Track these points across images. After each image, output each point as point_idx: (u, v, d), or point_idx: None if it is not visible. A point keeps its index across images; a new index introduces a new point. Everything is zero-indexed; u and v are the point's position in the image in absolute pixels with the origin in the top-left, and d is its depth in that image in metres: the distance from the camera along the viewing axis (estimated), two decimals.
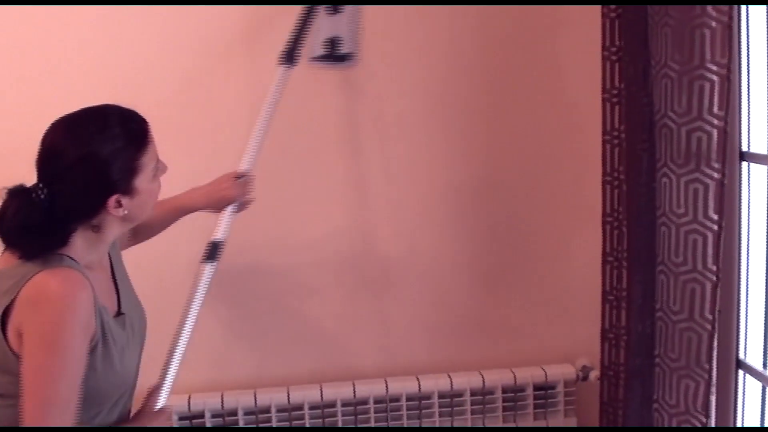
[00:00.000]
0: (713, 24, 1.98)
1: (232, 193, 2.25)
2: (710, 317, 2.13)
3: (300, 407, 2.75)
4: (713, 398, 2.19)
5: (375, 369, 2.87)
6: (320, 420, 2.77)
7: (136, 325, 1.95)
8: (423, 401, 2.82)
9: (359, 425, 2.79)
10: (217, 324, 2.77)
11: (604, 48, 2.52)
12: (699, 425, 2.21)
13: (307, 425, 2.76)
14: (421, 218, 2.81)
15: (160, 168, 1.88)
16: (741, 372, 2.32)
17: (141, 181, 1.80)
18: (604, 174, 2.62)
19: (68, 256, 1.75)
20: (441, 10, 2.68)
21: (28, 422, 1.65)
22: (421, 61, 2.71)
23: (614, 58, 2.50)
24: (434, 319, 2.91)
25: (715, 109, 2.03)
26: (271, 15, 2.61)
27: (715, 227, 2.09)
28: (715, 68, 2.00)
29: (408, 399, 2.81)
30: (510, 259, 2.90)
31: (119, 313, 1.91)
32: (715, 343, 2.15)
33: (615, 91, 2.53)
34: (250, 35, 2.64)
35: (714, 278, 2.11)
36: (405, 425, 2.81)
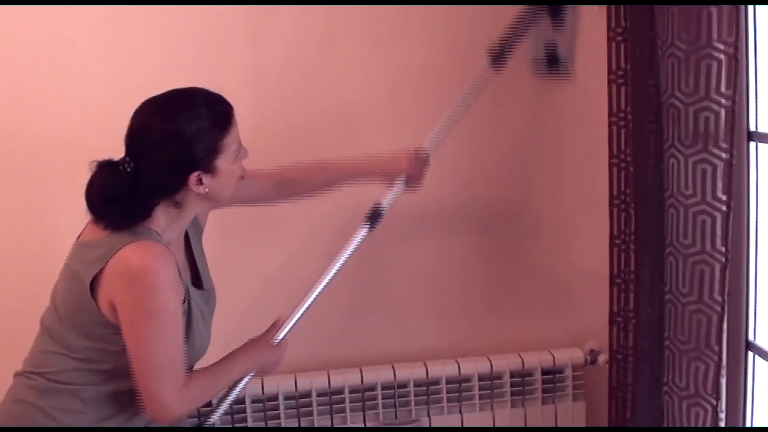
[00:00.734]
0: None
1: (406, 166, 2.32)
2: (719, 299, 2.12)
3: (307, 394, 2.74)
4: (723, 380, 2.17)
5: (382, 355, 2.86)
6: (327, 407, 2.76)
7: (209, 305, 2.07)
8: (431, 387, 2.80)
9: (367, 411, 2.78)
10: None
11: (609, 29, 2.50)
12: (709, 408, 2.19)
13: (315, 412, 2.75)
14: (427, 202, 2.79)
15: (242, 152, 1.95)
16: (751, 353, 2.30)
17: (222, 162, 1.88)
18: (611, 156, 2.60)
19: (152, 229, 1.86)
20: None
21: (142, 388, 1.81)
22: (425, 39, 2.69)
23: (620, 38, 2.49)
24: (441, 304, 2.89)
25: (723, 89, 2.00)
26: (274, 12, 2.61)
27: (724, 208, 2.07)
28: (722, 47, 1.98)
29: (416, 385, 2.79)
30: (517, 243, 2.88)
31: (199, 287, 2.02)
32: (725, 325, 2.13)
33: (621, 72, 2.52)
34: (253, 32, 2.63)
35: (723, 259, 2.09)
36: (413, 411, 2.80)
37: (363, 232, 2.31)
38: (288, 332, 2.19)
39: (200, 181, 1.85)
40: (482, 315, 2.92)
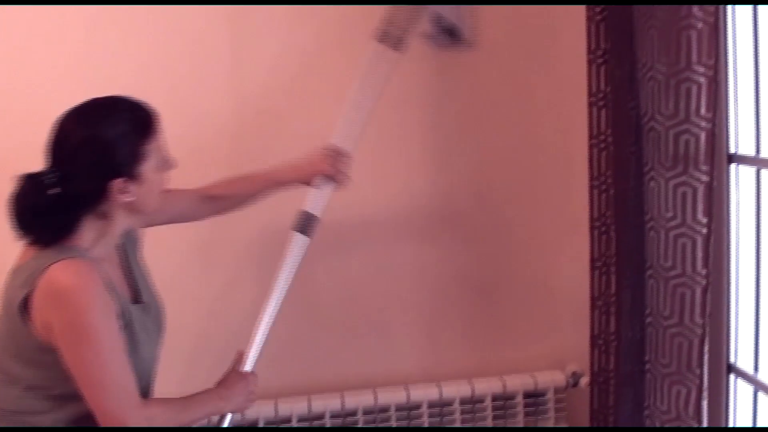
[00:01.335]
0: (699, 25, 1.97)
1: (323, 166, 2.29)
2: (700, 321, 2.11)
3: (288, 419, 2.71)
4: (705, 403, 2.17)
5: (363, 379, 2.83)
6: None
7: (155, 316, 2.01)
8: (412, 411, 2.78)
9: None
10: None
11: (589, 51, 2.50)
12: None
13: None
14: (408, 225, 2.78)
15: (168, 162, 1.92)
16: (732, 376, 2.30)
17: (146, 169, 1.83)
18: (592, 178, 2.60)
19: (78, 247, 1.80)
20: None
21: (95, 410, 1.75)
22: (407, 68, 2.69)
23: (600, 61, 2.49)
24: (422, 327, 2.88)
25: (703, 111, 2.01)
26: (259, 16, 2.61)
27: (704, 230, 2.07)
28: (702, 70, 1.98)
29: (397, 409, 2.77)
30: (498, 265, 2.87)
31: (138, 302, 1.95)
32: (706, 348, 2.13)
33: (601, 95, 2.52)
34: (235, 35, 2.62)
35: (704, 282, 2.09)
36: None
37: (298, 242, 2.24)
38: (254, 362, 2.14)
39: (124, 189, 1.80)
40: (463, 338, 2.90)
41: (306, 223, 2.24)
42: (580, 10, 2.50)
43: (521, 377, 2.83)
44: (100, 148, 1.78)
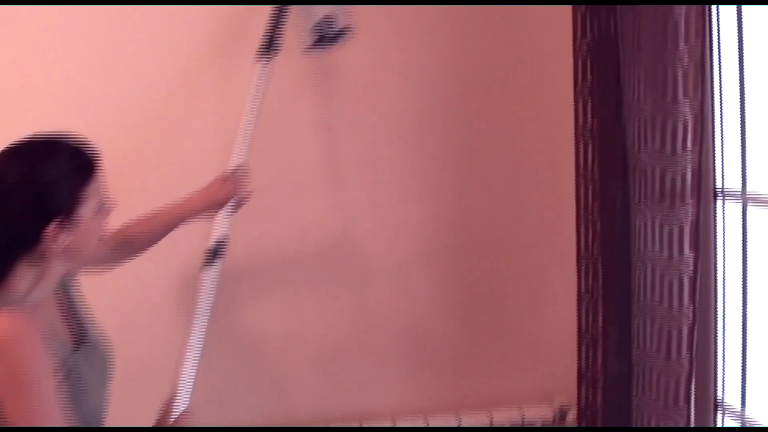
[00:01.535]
0: (686, 61, 1.97)
1: (226, 191, 2.27)
2: (687, 357, 2.11)
3: None
4: None
5: (350, 412, 2.81)
6: None
7: (101, 354, 1.93)
8: None
9: None
10: None
11: (576, 85, 2.50)
12: None
13: None
14: (394, 257, 2.78)
15: (107, 205, 1.84)
16: (720, 413, 2.28)
17: (84, 213, 1.76)
18: (579, 212, 2.59)
19: (12, 295, 1.72)
20: (419, 48, 2.67)
21: None
22: (397, 105, 2.70)
23: (586, 95, 2.49)
24: (409, 360, 2.87)
25: (689, 147, 2.01)
26: (244, 20, 2.61)
27: (691, 266, 2.07)
28: (688, 106, 1.99)
29: None
30: (486, 299, 2.87)
31: (80, 346, 1.86)
32: (693, 384, 2.12)
33: (588, 129, 2.52)
34: (223, 42, 2.63)
35: (691, 317, 2.09)
36: None
37: (212, 273, 2.20)
38: (185, 400, 2.07)
39: (59, 234, 1.72)
40: (451, 371, 2.89)
41: (217, 253, 2.20)
42: (567, 44, 2.50)
43: (508, 411, 2.82)
44: (37, 190, 1.70)
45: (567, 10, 2.46)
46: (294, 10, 2.48)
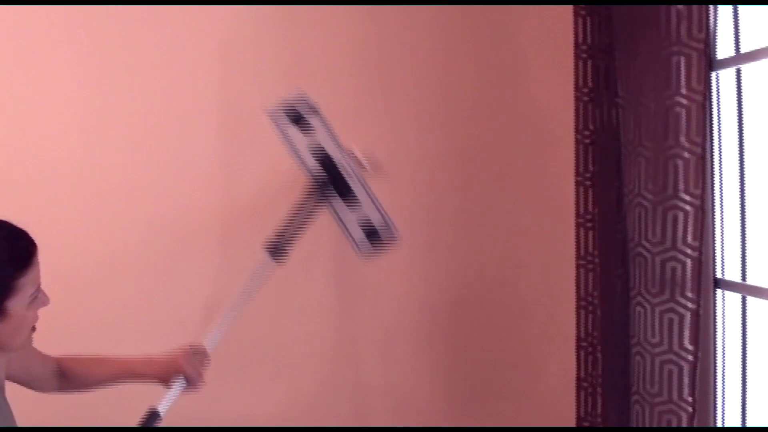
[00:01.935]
0: (686, 155, 2.00)
1: (186, 368, 2.14)
2: None
3: None
4: None
5: None
6: None
7: None
8: None
9: None
10: None
11: (577, 173, 2.53)
12: None
13: None
14: (393, 337, 2.77)
15: (40, 298, 1.76)
16: None
17: (15, 305, 1.69)
18: (579, 298, 2.60)
19: None
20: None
21: None
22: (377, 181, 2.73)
23: (588, 183, 2.52)
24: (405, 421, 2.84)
25: (690, 239, 2.03)
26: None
27: (691, 358, 2.06)
28: (688, 198, 2.01)
29: None
30: (484, 383, 2.85)
31: None
32: None
33: (589, 216, 2.54)
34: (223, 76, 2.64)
35: (690, 410, 2.08)
36: None
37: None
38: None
39: None
40: None
41: (151, 422, 2.10)
42: (570, 132, 2.54)
43: None
44: None
45: (570, 99, 2.50)
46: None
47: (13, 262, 1.69)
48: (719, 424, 2.24)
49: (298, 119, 2.36)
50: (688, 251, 2.03)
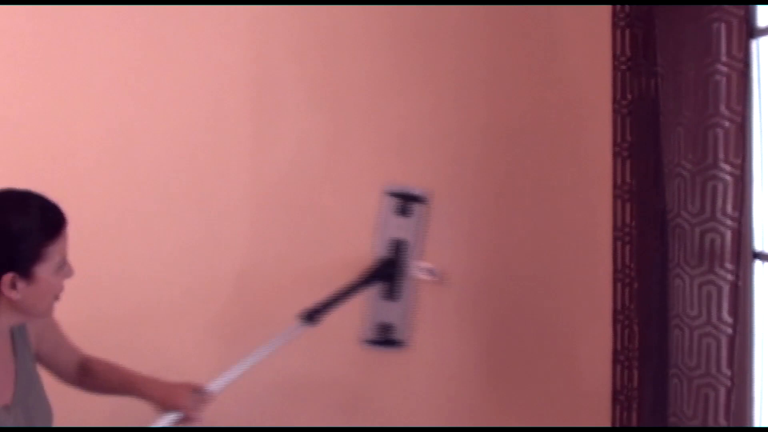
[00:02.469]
0: (726, 124, 1.97)
1: (184, 403, 2.16)
2: (725, 423, 2.07)
3: None
4: None
5: None
6: None
7: (26, 422, 1.89)
8: None
9: None
10: None
11: (615, 144, 2.50)
12: None
13: None
14: (424, 315, 2.76)
15: (66, 268, 1.85)
16: None
17: (42, 270, 1.78)
18: (615, 271, 2.58)
19: None
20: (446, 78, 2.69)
21: None
22: (423, 148, 2.71)
23: (625, 154, 2.49)
24: (438, 412, 2.83)
25: (729, 210, 2.00)
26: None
27: (729, 330, 2.04)
28: (729, 168, 1.98)
29: None
30: (518, 357, 2.84)
31: (12, 406, 1.86)
32: None
33: (626, 188, 2.51)
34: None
35: (728, 383, 2.06)
36: None
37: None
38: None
39: (14, 286, 1.74)
40: (476, 423, 2.85)
41: None
42: (607, 102, 2.51)
43: None
44: (2, 238, 1.74)
45: (607, 69, 2.47)
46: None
47: (44, 230, 1.78)
48: (757, 397, 2.22)
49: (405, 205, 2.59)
50: (728, 222, 2.00)
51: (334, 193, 2.69)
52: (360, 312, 2.61)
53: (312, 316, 2.39)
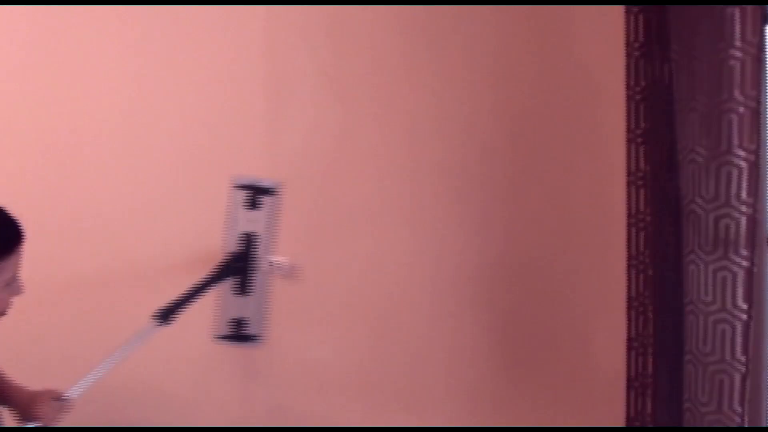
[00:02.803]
0: (741, 109, 1.97)
1: (42, 411, 2.14)
2: (739, 410, 2.08)
3: None
4: None
5: None
6: None
7: None
8: None
9: None
10: None
11: (629, 130, 2.49)
12: None
13: None
14: (440, 296, 2.77)
15: (15, 286, 1.86)
16: None
17: None
18: (629, 257, 2.57)
19: None
20: (457, 80, 2.68)
21: None
22: (435, 136, 2.70)
23: (639, 140, 2.48)
24: (448, 401, 2.84)
25: (744, 196, 2.00)
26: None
27: (744, 316, 2.04)
28: (743, 154, 1.98)
29: None
30: (530, 342, 2.83)
31: None
32: None
33: (640, 174, 2.50)
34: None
35: (743, 369, 2.06)
36: None
37: None
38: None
39: None
40: (490, 414, 2.85)
41: None
42: (620, 88, 2.50)
43: None
44: None
45: (620, 55, 2.45)
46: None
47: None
48: None
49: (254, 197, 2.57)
50: (743, 208, 2.00)
51: (345, 182, 2.70)
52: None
53: (166, 315, 2.40)
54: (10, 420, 2.11)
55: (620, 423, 2.67)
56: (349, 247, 2.74)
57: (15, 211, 1.88)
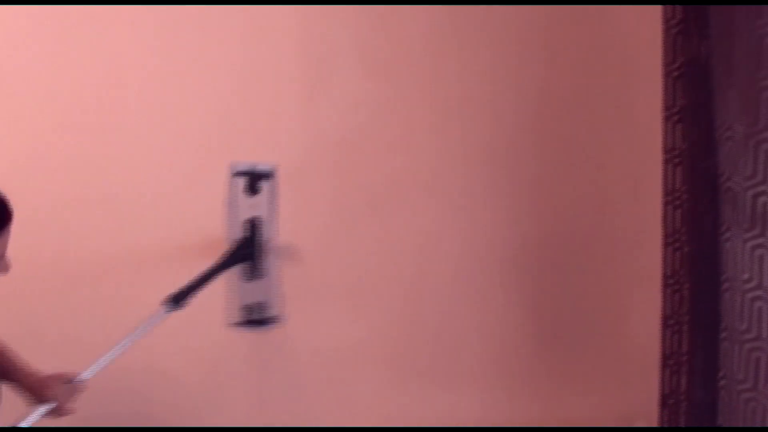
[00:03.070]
0: None
1: (54, 393, 2.16)
2: None
3: None
4: None
5: (418, 424, 2.83)
6: None
7: None
8: None
9: None
10: None
11: (666, 108, 2.48)
12: None
13: None
14: (473, 272, 2.78)
15: (2, 263, 1.86)
16: None
17: None
18: (666, 236, 2.56)
19: None
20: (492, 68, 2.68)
21: None
22: (462, 118, 2.71)
23: (676, 118, 2.46)
24: (486, 377, 2.86)
25: None
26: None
27: None
28: None
29: None
30: (566, 318, 2.84)
31: None
32: None
33: (677, 152, 2.49)
34: None
35: None
36: None
37: None
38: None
39: None
40: (525, 390, 2.87)
41: None
42: (657, 65, 2.48)
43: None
44: None
45: (658, 32, 2.44)
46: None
47: None
48: None
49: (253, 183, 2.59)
50: None
51: (377, 162, 2.71)
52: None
53: (176, 300, 2.42)
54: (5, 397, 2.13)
55: (654, 400, 2.67)
56: (381, 226, 2.75)
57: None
